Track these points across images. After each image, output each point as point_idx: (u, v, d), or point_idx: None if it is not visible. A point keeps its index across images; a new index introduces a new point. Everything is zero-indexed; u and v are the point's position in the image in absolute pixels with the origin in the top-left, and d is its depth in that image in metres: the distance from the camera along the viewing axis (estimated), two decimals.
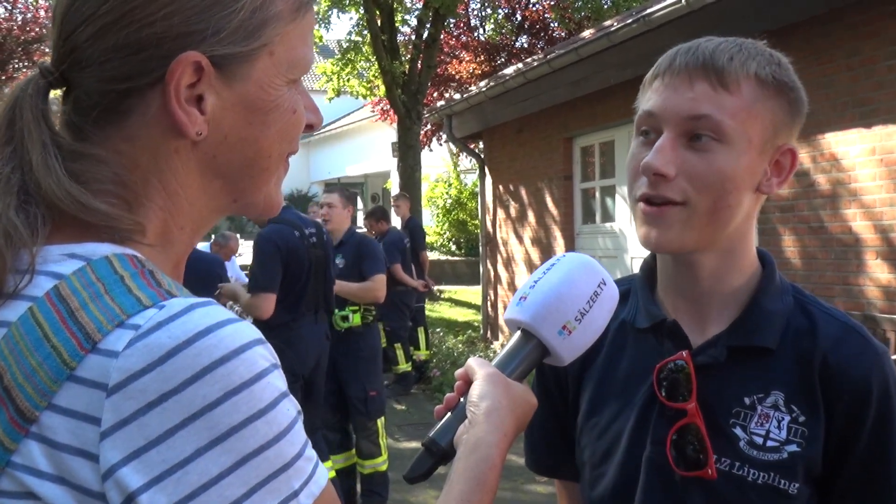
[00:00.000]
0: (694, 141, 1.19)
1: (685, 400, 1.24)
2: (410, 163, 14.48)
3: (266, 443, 0.71)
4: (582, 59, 8.50)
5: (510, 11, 19.83)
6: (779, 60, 1.24)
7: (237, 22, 0.82)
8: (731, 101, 1.19)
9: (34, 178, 0.79)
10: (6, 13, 21.09)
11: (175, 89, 0.80)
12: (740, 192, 1.21)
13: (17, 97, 0.83)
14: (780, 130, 1.23)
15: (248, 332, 0.74)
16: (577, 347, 1.08)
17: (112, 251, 0.78)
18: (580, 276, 1.09)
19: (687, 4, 6.75)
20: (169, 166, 0.83)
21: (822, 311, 1.29)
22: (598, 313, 1.09)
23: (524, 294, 1.10)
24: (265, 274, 4.71)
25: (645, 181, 1.22)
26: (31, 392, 0.71)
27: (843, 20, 5.97)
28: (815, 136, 6.29)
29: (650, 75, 1.27)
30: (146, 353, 0.70)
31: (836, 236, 6.21)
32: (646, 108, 1.24)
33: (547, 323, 1.06)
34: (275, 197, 0.91)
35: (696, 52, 1.21)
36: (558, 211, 10.13)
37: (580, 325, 1.07)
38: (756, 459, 1.21)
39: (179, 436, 0.68)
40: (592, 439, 1.36)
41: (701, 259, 1.27)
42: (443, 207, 21.70)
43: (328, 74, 17.60)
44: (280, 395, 0.74)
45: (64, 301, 0.74)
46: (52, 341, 0.72)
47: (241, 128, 0.84)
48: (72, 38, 0.81)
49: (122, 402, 0.69)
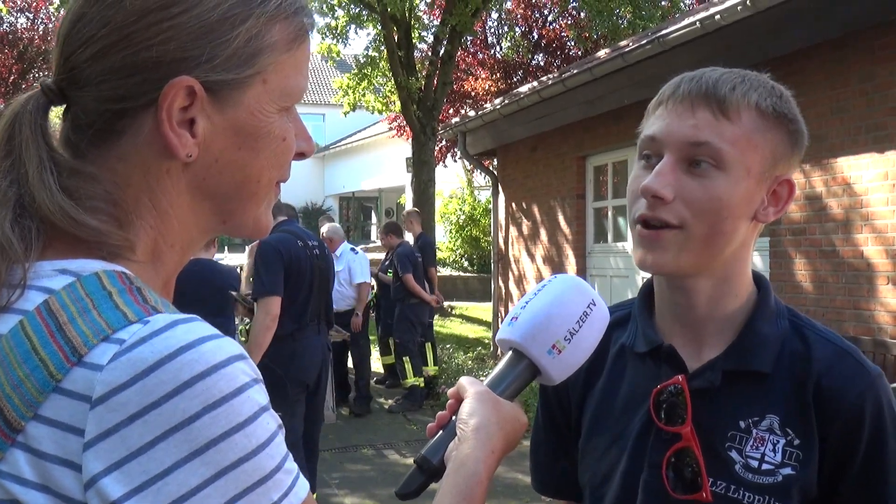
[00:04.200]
0: (693, 167, 1.22)
1: (681, 423, 1.25)
2: (424, 178, 14.53)
3: (244, 455, 0.73)
4: (596, 79, 8.52)
5: (527, 29, 19.92)
6: (780, 93, 1.27)
7: (231, 50, 0.84)
8: (731, 129, 1.21)
9: (29, 191, 0.81)
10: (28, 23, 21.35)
11: (167, 112, 0.82)
12: (736, 219, 1.23)
13: (17, 113, 0.86)
14: (779, 161, 1.25)
15: (229, 347, 0.76)
16: (567, 367, 1.10)
17: (102, 267, 0.80)
18: (570, 297, 1.11)
19: (701, 27, 6.76)
20: (160, 186, 0.86)
21: (817, 334, 1.30)
22: (588, 333, 1.10)
23: (515, 315, 1.11)
24: (270, 277, 4.75)
25: (643, 203, 1.24)
26: (17, 402, 0.73)
27: (858, 44, 5.97)
28: (827, 160, 6.28)
29: (654, 101, 1.30)
30: (129, 367, 0.72)
31: (847, 261, 6.18)
32: (648, 133, 1.27)
33: (537, 343, 1.08)
34: (263, 220, 0.94)
35: (700, 81, 1.24)
36: (570, 229, 10.13)
37: (570, 344, 1.08)
38: (751, 482, 1.23)
39: (160, 447, 0.70)
40: (593, 461, 1.38)
41: (696, 284, 1.29)
42: (456, 224, 21.72)
43: (344, 89, 17.70)
44: (260, 410, 0.76)
45: (53, 315, 0.76)
46: (39, 354, 0.74)
47: (232, 152, 0.87)
48: (72, 57, 0.84)
49: (105, 414, 0.71)
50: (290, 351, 4.81)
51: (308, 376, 4.97)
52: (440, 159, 19.39)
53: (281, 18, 0.88)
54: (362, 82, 17.39)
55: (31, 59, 20.73)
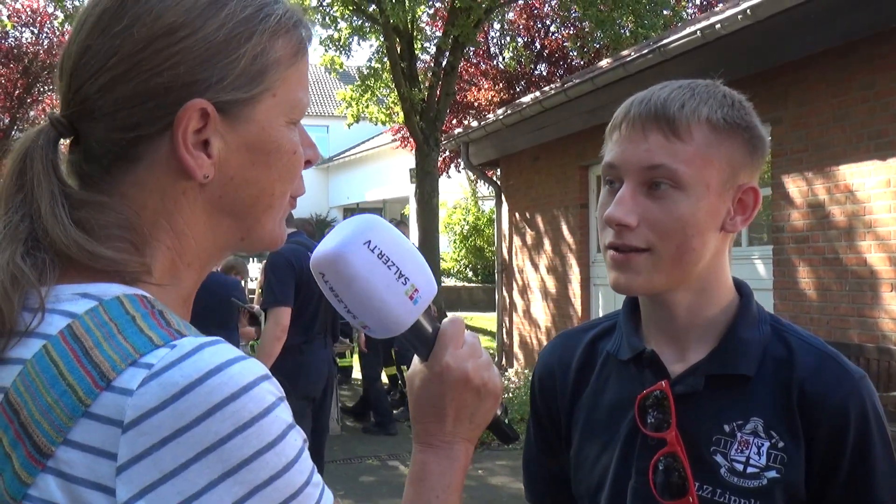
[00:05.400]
0: (653, 189, 1.24)
1: (666, 429, 1.27)
2: (428, 189, 14.53)
3: (276, 473, 0.75)
4: (598, 89, 8.56)
5: (529, 40, 19.96)
6: (732, 101, 1.27)
7: (240, 69, 0.86)
8: (684, 149, 1.22)
9: (43, 226, 0.83)
10: (33, 37, 21.43)
11: (182, 136, 0.84)
12: (703, 234, 1.25)
13: (28, 147, 0.86)
14: (739, 171, 1.27)
15: (255, 369, 0.77)
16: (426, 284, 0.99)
17: (123, 291, 0.81)
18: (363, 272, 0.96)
19: (702, 36, 6.79)
20: (177, 207, 0.87)
21: (799, 339, 1.31)
22: (393, 252, 0.97)
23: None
24: (280, 288, 4.77)
25: (610, 232, 1.26)
26: (47, 428, 0.74)
27: (859, 52, 5.99)
28: (830, 167, 6.29)
29: (609, 126, 1.31)
30: (160, 391, 0.73)
31: (851, 268, 6.19)
32: (607, 160, 1.29)
33: (403, 307, 0.97)
34: (278, 232, 0.95)
35: (649, 104, 1.25)
36: (574, 239, 10.14)
37: (403, 271, 0.97)
38: (737, 486, 1.24)
39: (193, 469, 0.72)
40: (585, 473, 1.39)
41: (674, 297, 1.31)
42: (460, 234, 21.73)
43: (348, 100, 17.74)
44: (287, 427, 0.77)
45: (78, 340, 0.77)
46: (67, 379, 0.75)
47: (246, 169, 0.88)
48: (82, 90, 0.85)
49: (137, 438, 0.72)
50: (298, 364, 4.82)
51: (315, 389, 4.99)
52: (444, 170, 19.40)
53: (282, 33, 0.89)
54: (365, 94, 17.41)
55: (36, 74, 20.80)
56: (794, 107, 6.58)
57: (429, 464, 1.03)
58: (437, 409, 1.03)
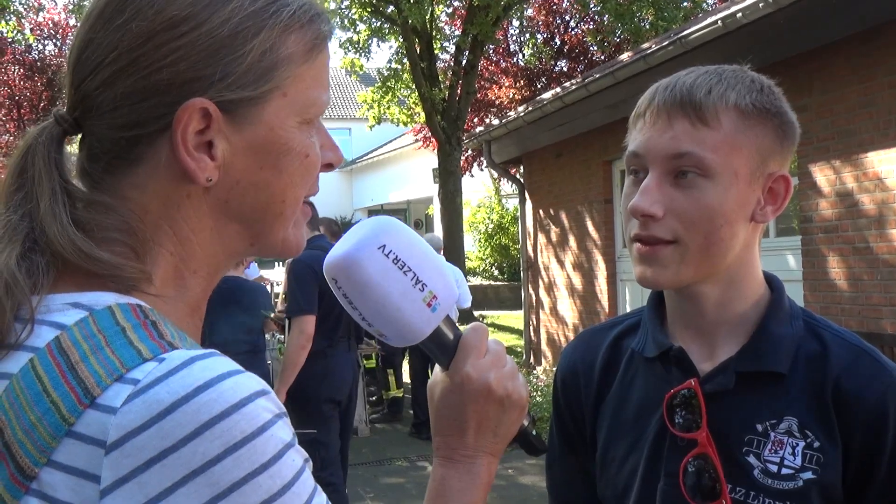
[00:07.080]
0: (680, 178, 1.19)
1: (696, 429, 1.22)
2: (451, 188, 14.53)
3: (269, 497, 0.70)
4: (619, 83, 8.48)
5: (549, 36, 19.88)
6: (761, 86, 1.23)
7: (246, 66, 0.81)
8: (711, 135, 1.18)
9: (40, 225, 0.79)
10: (56, 49, 21.66)
11: (182, 136, 0.79)
12: (732, 224, 1.20)
13: (30, 144, 0.83)
14: (769, 158, 1.22)
15: (249, 384, 0.72)
16: (448, 287, 0.95)
17: (116, 300, 0.77)
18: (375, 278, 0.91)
19: (723, 26, 6.70)
20: (180, 212, 0.83)
21: (834, 334, 1.26)
22: (410, 256, 0.92)
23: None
24: (304, 296, 4.77)
25: (636, 222, 1.22)
26: (30, 448, 0.70)
27: (883, 38, 5.88)
28: (857, 155, 6.18)
29: (633, 114, 1.27)
30: (144, 410, 0.68)
31: (882, 257, 6.08)
32: (631, 149, 1.25)
33: (422, 317, 0.93)
34: (292, 239, 0.90)
35: (675, 90, 1.21)
36: (599, 234, 10.07)
37: (420, 277, 0.92)
38: (771, 488, 1.19)
39: (180, 493, 0.67)
40: (612, 475, 1.35)
41: (703, 290, 1.26)
42: (485, 233, 21.69)
43: (369, 102, 17.78)
44: (284, 447, 0.72)
45: (64, 353, 0.72)
46: (51, 396, 0.70)
47: (253, 172, 0.83)
48: (83, 86, 0.82)
49: (121, 460, 0.67)
50: (323, 368, 4.83)
51: (340, 393, 5.01)
52: (466, 169, 19.40)
53: (296, 28, 0.84)
54: (386, 95, 17.46)
55: (60, 86, 20.98)
56: (819, 94, 6.47)
57: (449, 479, 0.97)
58: (458, 421, 0.97)
